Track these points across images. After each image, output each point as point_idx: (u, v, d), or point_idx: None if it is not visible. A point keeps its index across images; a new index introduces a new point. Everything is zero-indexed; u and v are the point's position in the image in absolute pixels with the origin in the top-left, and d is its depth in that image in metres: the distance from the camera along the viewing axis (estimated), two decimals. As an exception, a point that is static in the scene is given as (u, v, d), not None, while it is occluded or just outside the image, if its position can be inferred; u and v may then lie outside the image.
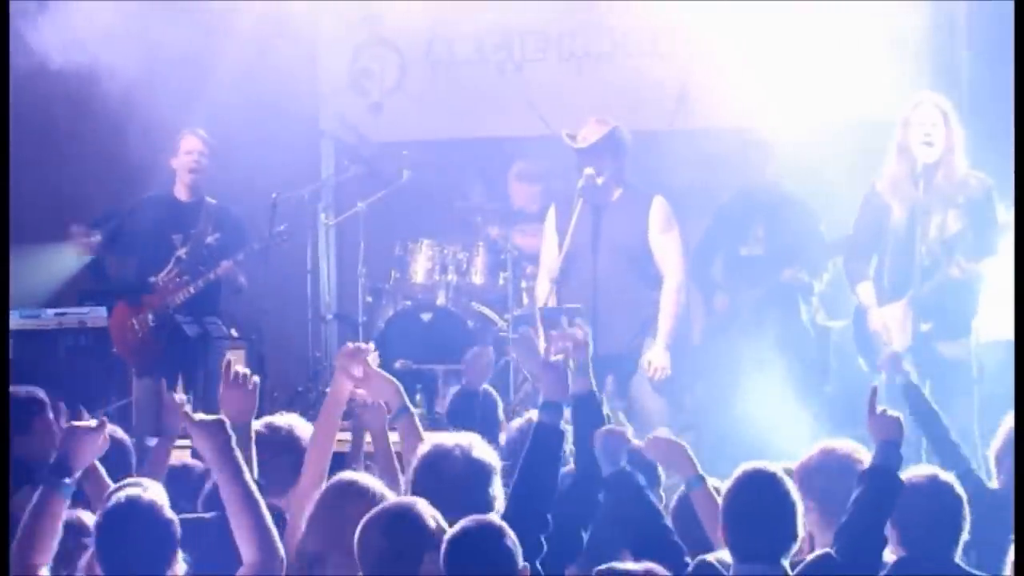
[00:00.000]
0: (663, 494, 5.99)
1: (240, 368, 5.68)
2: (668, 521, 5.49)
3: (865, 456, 5.59)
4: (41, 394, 6.99)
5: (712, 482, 5.69)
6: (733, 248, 9.93)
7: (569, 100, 10.88)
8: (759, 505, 5.07)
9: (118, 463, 6.24)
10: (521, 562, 4.59)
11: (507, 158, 11.24)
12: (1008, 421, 6.16)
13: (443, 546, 4.59)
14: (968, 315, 8.28)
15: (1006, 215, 8.21)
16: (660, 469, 5.94)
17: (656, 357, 8.79)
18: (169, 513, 4.86)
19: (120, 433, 6.52)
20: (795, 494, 5.13)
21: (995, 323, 8.58)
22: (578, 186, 8.83)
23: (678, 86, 10.93)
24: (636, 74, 11.07)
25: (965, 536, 5.47)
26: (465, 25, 11.31)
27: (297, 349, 11.45)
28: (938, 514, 5.44)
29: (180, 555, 4.93)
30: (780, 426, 8.45)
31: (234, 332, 10.54)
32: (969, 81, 10.39)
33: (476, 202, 11.18)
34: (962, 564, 5.48)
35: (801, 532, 5.16)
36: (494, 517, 4.67)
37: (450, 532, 4.63)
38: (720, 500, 5.22)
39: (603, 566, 4.80)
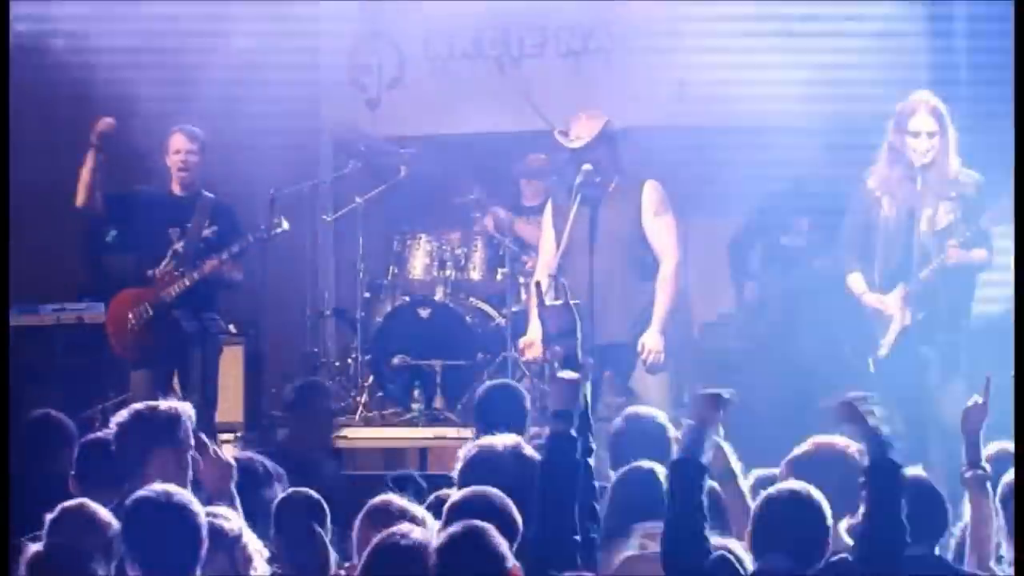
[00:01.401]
0: None
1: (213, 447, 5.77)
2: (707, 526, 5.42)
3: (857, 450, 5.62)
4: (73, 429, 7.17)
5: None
6: (774, 236, 9.97)
7: (567, 96, 10.86)
8: (791, 527, 5.08)
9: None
10: (511, 561, 4.57)
11: (505, 154, 11.24)
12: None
13: (432, 556, 4.57)
14: (959, 308, 8.28)
15: (998, 210, 8.20)
16: None
17: (649, 340, 8.72)
18: (197, 507, 4.89)
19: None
20: (828, 512, 5.13)
21: (987, 317, 8.60)
22: (576, 183, 8.80)
23: (677, 82, 10.91)
24: (634, 70, 11.07)
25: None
26: (463, 20, 11.30)
27: (295, 345, 11.44)
28: (919, 510, 5.45)
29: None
30: (783, 423, 8.46)
31: (232, 328, 10.54)
32: (968, 78, 10.38)
33: (474, 197, 11.18)
34: (945, 559, 5.51)
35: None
36: (478, 522, 4.65)
37: (438, 541, 4.60)
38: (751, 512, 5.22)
39: None
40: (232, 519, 5.12)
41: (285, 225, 9.72)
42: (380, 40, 11.85)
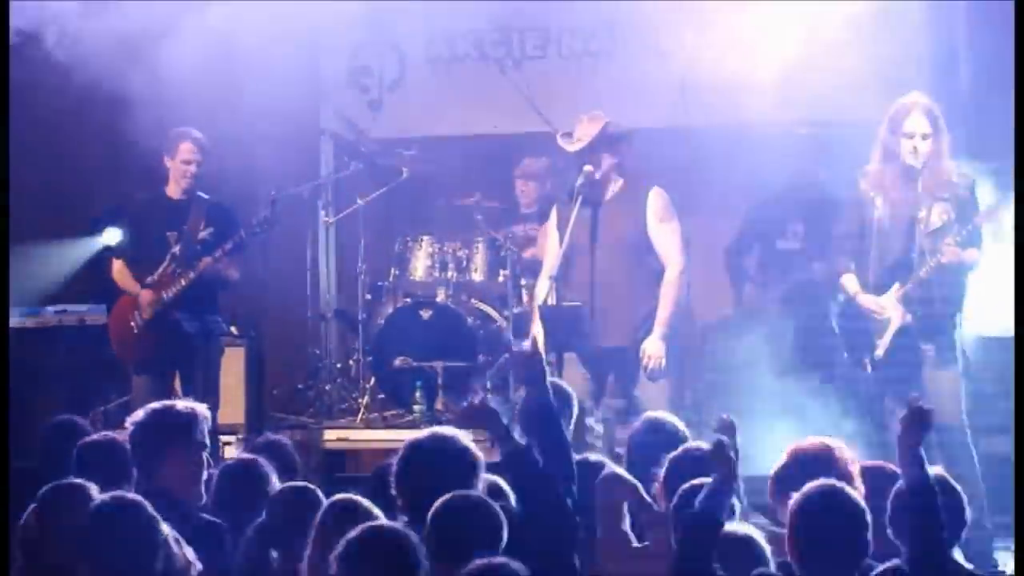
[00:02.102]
0: None
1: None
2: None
3: (837, 449, 5.64)
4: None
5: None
6: (770, 240, 9.99)
7: (569, 97, 10.86)
8: (831, 525, 5.04)
9: (114, 463, 6.26)
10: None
11: (507, 155, 11.23)
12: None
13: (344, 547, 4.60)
14: (954, 309, 8.28)
15: (995, 209, 8.19)
16: None
17: (651, 346, 8.73)
18: (151, 511, 4.88)
19: (115, 434, 6.54)
20: (864, 507, 5.10)
21: (983, 318, 8.60)
22: (577, 184, 8.80)
23: (678, 83, 10.90)
24: (636, 71, 11.06)
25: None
26: (464, 22, 11.30)
27: (297, 346, 11.45)
28: (933, 512, 5.43)
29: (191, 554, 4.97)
30: (781, 424, 8.46)
31: (234, 329, 10.55)
32: (969, 79, 10.38)
33: (476, 199, 11.17)
34: (959, 560, 5.49)
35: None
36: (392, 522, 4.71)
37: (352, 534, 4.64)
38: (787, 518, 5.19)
39: None
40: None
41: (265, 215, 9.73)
42: (381, 41, 11.85)
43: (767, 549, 5.26)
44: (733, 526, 5.28)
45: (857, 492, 5.24)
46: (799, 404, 8.79)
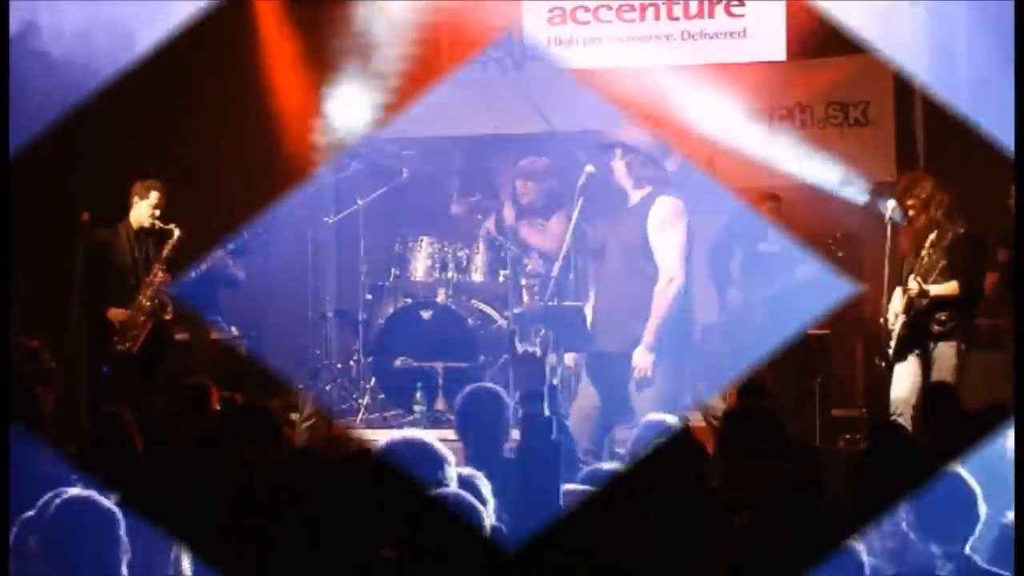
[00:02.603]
0: None
1: None
2: None
3: None
4: None
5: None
6: (751, 244, 9.99)
7: (569, 97, 10.86)
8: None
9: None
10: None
11: (507, 155, 11.23)
12: None
13: None
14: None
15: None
16: None
17: (637, 357, 8.65)
18: (109, 504, 4.88)
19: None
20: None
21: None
22: (578, 184, 8.79)
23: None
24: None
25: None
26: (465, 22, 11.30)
27: (297, 347, 11.45)
28: (952, 507, 5.44)
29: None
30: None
31: (235, 330, 10.55)
32: (969, 79, 10.39)
33: (476, 199, 11.17)
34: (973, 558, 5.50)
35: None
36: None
37: None
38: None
39: None
40: None
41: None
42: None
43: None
44: None
45: None
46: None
